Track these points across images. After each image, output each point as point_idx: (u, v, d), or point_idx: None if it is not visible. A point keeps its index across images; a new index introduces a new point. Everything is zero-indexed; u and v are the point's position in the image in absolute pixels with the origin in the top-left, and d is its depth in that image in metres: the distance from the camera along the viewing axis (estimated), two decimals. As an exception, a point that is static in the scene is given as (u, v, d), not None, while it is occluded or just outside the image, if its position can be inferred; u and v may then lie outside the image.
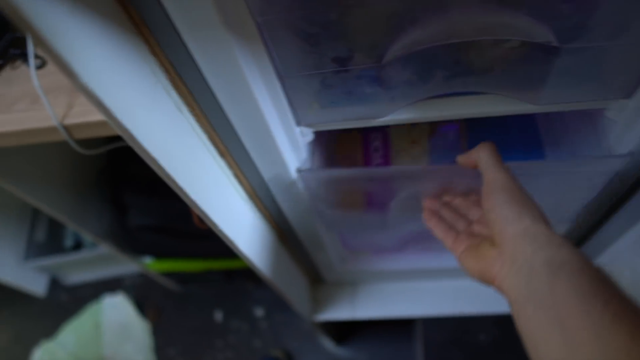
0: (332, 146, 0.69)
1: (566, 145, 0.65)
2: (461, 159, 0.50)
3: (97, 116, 0.57)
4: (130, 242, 1.24)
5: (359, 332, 1.48)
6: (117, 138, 0.77)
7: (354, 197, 0.62)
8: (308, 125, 0.52)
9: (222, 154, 0.53)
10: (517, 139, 0.67)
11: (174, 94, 0.43)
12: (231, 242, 0.56)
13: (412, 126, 0.70)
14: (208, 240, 1.22)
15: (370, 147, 0.69)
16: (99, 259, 1.57)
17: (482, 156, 0.47)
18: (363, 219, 0.67)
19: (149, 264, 1.40)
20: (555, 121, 0.69)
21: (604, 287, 0.34)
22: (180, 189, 0.44)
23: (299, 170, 0.56)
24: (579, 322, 0.33)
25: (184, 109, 0.45)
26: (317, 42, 0.39)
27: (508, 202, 0.43)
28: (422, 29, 0.39)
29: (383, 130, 0.69)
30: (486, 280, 0.44)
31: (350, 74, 0.44)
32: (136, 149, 0.38)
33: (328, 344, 1.48)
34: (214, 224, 0.51)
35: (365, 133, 0.70)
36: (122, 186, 1.14)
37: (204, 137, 0.49)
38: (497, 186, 0.44)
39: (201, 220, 0.52)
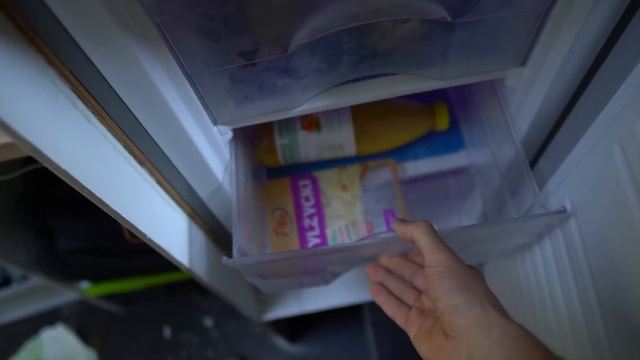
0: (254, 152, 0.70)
1: (476, 119, 0.69)
2: (398, 228, 0.48)
3: (2, 138, 0.54)
4: (62, 268, 1.18)
5: (311, 326, 1.50)
6: (32, 159, 0.74)
7: (288, 270, 0.62)
8: (225, 123, 0.52)
9: (140, 162, 0.52)
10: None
11: (79, 104, 0.42)
12: (164, 250, 0.55)
13: (341, 170, 0.72)
14: (144, 255, 1.19)
15: (300, 196, 0.71)
16: (31, 292, 1.48)
17: (417, 236, 0.45)
18: (301, 281, 0.68)
19: (87, 289, 1.34)
20: (465, 96, 0.72)
21: None
22: (101, 200, 0.42)
23: (227, 261, 0.54)
24: None
25: (93, 119, 0.44)
26: (219, 38, 0.40)
27: (454, 289, 0.41)
28: (321, 15, 0.40)
29: (311, 176, 0.71)
30: None
31: (259, 67, 0.44)
32: (47, 165, 0.37)
33: (282, 343, 1.48)
34: (142, 234, 0.50)
35: (294, 181, 0.72)
36: (44, 210, 1.08)
37: (119, 146, 0.48)
38: (439, 271, 0.42)
39: (133, 235, 0.51)
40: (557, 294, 0.62)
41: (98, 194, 0.41)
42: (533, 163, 0.68)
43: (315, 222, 0.70)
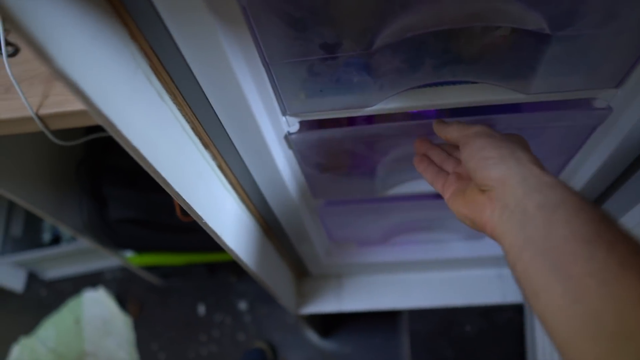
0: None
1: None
2: (437, 128, 0.49)
3: (74, 106, 0.54)
4: (111, 235, 1.21)
5: (344, 324, 1.48)
6: (96, 128, 0.75)
7: (341, 158, 0.61)
8: (294, 114, 0.50)
9: (206, 145, 0.51)
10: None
11: (155, 80, 0.41)
12: (216, 235, 0.54)
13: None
14: (190, 233, 1.20)
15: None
16: (78, 253, 1.54)
17: (450, 132, 0.46)
18: (351, 182, 0.66)
19: (130, 258, 1.37)
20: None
21: (606, 229, 0.31)
22: (164, 180, 0.42)
23: (287, 134, 0.54)
24: (581, 269, 0.30)
25: (166, 97, 0.43)
26: (304, 28, 0.38)
27: (486, 146, 0.40)
28: (413, 14, 0.37)
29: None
30: (477, 226, 0.41)
31: (339, 62, 0.42)
32: (117, 138, 0.36)
33: (313, 336, 1.47)
34: (199, 217, 0.50)
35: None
36: (101, 178, 1.11)
37: (187, 127, 0.48)
38: (473, 133, 0.42)
39: (184, 213, 0.50)
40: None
41: (163, 174, 0.41)
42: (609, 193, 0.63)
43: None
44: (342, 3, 0.36)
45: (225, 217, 0.58)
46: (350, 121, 0.58)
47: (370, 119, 0.60)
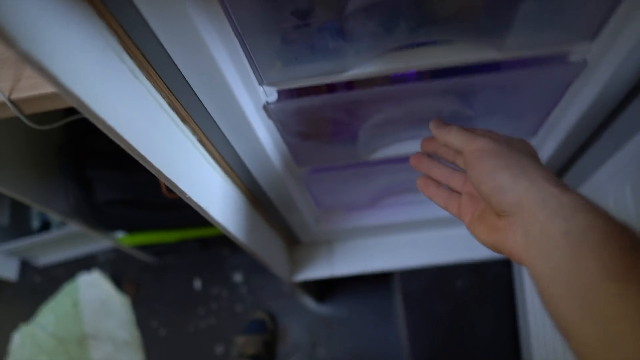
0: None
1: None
2: (434, 129, 0.47)
3: (47, 88, 0.53)
4: (100, 218, 1.21)
5: (339, 288, 1.51)
6: (73, 110, 0.74)
7: (322, 125, 0.60)
8: (271, 84, 0.50)
9: (184, 120, 0.51)
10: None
11: (127, 58, 0.41)
12: (202, 209, 0.54)
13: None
14: (180, 210, 1.20)
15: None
16: (69, 238, 1.53)
17: (452, 139, 0.44)
18: (334, 149, 0.66)
19: (122, 239, 1.38)
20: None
21: (638, 259, 0.29)
22: (144, 158, 0.42)
23: (266, 104, 0.53)
24: (614, 310, 0.27)
25: (140, 75, 0.43)
26: (274, -5, 0.38)
27: (495, 169, 0.37)
28: (383, -26, 0.37)
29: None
30: (503, 253, 0.38)
31: (312, 28, 0.42)
32: (92, 119, 0.36)
33: (309, 302, 1.50)
34: (183, 192, 0.50)
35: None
36: (85, 161, 1.10)
37: (163, 103, 0.47)
38: (478, 155, 0.39)
39: (170, 190, 0.50)
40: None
41: (142, 151, 0.41)
42: (587, 145, 0.64)
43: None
44: (310, -33, 0.36)
45: (210, 190, 0.58)
46: (330, 88, 0.57)
47: (349, 85, 0.60)
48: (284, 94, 0.54)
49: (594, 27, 0.47)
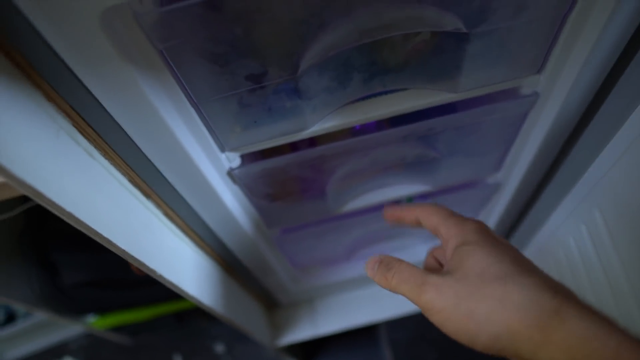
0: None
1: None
2: (392, 214, 0.44)
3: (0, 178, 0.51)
4: (68, 302, 1.15)
5: (325, 347, 1.46)
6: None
7: (289, 185, 0.60)
8: (233, 149, 0.50)
9: (147, 194, 0.49)
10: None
11: (81, 139, 0.40)
12: (174, 285, 0.52)
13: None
14: (151, 285, 1.16)
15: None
16: (37, 328, 1.45)
17: (425, 218, 0.40)
18: (304, 206, 0.65)
19: (93, 322, 1.31)
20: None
21: None
22: (107, 240, 0.40)
23: (230, 170, 0.52)
24: None
25: (97, 154, 0.42)
26: (226, 62, 0.37)
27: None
28: (332, 32, 0.38)
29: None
30: None
31: (267, 90, 0.42)
32: (48, 207, 0.34)
33: (295, 365, 1.44)
34: (152, 271, 0.48)
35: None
36: (48, 244, 1.06)
37: (124, 180, 0.46)
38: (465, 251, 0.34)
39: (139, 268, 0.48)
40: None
41: (105, 234, 0.39)
42: (552, 173, 0.65)
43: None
44: (261, 33, 0.36)
45: (181, 264, 0.56)
46: (293, 147, 0.57)
47: (312, 142, 0.60)
48: (247, 158, 0.54)
49: (539, 60, 0.48)
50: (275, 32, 0.36)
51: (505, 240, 0.36)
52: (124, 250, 0.42)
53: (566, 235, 0.66)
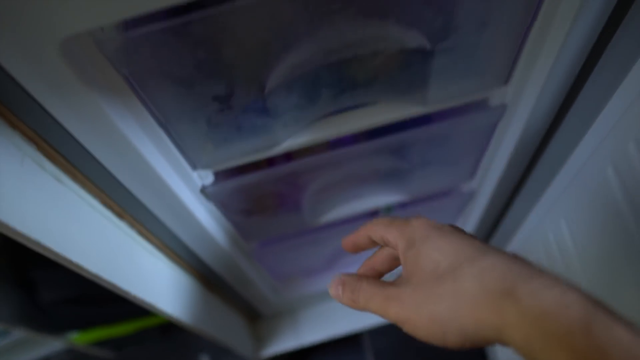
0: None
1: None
2: (347, 243, 0.43)
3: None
4: (48, 320, 1.13)
5: (309, 358, 1.45)
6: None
7: (264, 200, 0.60)
8: (205, 167, 0.49)
9: (119, 215, 0.49)
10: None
11: (48, 165, 0.39)
12: (150, 305, 0.52)
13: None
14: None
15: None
16: (15, 346, 1.42)
17: (371, 233, 0.39)
18: (280, 220, 0.65)
19: (76, 338, 1.29)
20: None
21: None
22: (78, 265, 0.40)
23: (203, 188, 0.52)
24: None
25: (65, 178, 0.41)
26: (192, 84, 0.38)
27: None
28: (297, 53, 0.38)
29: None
30: None
31: (236, 110, 0.42)
32: (16, 237, 0.34)
33: (281, 375, 1.44)
34: (126, 292, 0.48)
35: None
36: (25, 262, 1.04)
37: (95, 203, 0.46)
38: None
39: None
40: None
41: (74, 259, 0.39)
42: (522, 182, 0.67)
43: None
44: (225, 55, 0.36)
45: (157, 283, 0.56)
46: (269, 160, 0.57)
47: (288, 155, 0.60)
48: (221, 174, 0.54)
49: (505, 72, 0.49)
50: (240, 55, 0.36)
51: (450, 227, 0.35)
52: (95, 274, 0.42)
53: (537, 242, 0.67)
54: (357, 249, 0.44)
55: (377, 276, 0.43)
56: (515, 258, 0.30)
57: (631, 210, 0.44)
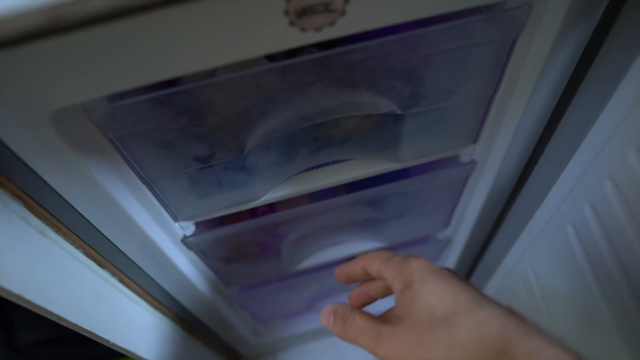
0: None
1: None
2: (340, 273, 0.43)
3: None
4: (25, 361, 1.12)
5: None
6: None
7: (244, 248, 0.61)
8: (186, 219, 0.51)
9: (101, 265, 0.50)
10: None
11: (33, 219, 0.41)
12: (130, 352, 0.53)
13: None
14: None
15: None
16: (-8, 386, 1.39)
17: (368, 265, 0.40)
18: (260, 267, 0.66)
19: (52, 379, 1.27)
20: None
21: None
22: (58, 317, 0.41)
23: (184, 238, 0.54)
24: None
25: (49, 232, 0.43)
26: (174, 147, 0.40)
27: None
28: (273, 119, 0.40)
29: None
30: None
31: (216, 168, 0.44)
32: (-3, 291, 0.35)
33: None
34: (105, 340, 0.48)
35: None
36: (3, 302, 1.03)
37: (77, 253, 0.47)
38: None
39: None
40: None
41: (55, 311, 0.40)
42: (492, 235, 0.69)
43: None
44: (206, 122, 0.39)
45: (136, 330, 0.56)
46: (251, 211, 0.59)
47: (270, 207, 0.62)
48: (202, 224, 0.56)
49: (473, 133, 0.52)
50: (220, 122, 0.39)
51: (449, 272, 0.35)
52: (75, 324, 0.43)
53: (516, 281, 0.69)
54: (350, 281, 0.44)
55: (369, 301, 0.43)
56: (511, 312, 0.31)
57: (590, 268, 0.47)
